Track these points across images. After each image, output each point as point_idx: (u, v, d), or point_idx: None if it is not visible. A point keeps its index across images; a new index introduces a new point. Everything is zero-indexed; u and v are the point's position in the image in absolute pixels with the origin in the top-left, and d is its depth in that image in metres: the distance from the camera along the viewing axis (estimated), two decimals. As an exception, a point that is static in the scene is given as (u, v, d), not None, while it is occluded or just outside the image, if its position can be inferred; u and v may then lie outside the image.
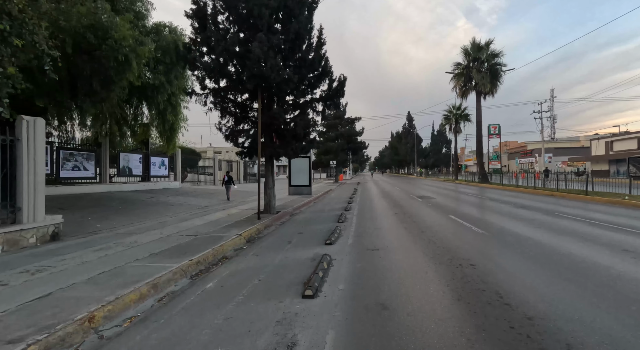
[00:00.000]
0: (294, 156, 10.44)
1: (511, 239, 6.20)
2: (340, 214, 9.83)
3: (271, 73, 8.29)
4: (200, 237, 6.60)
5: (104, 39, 9.55)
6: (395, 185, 28.47)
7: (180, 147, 39.96)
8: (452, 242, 5.98)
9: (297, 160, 18.29)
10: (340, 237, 6.75)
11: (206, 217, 9.46)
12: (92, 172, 13.83)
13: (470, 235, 6.56)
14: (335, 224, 8.40)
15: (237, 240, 6.49)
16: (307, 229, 7.93)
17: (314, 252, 5.48)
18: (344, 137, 37.31)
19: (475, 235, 6.58)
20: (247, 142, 10.33)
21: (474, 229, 7.21)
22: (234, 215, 9.85)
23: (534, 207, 10.88)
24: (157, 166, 18.41)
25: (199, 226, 7.93)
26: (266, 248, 6.04)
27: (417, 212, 10.30)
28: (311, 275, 4.13)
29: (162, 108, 14.38)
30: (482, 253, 5.20)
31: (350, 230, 7.50)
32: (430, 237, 6.42)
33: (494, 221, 8.25)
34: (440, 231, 7.05)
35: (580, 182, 17.08)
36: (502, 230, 7.08)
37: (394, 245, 5.84)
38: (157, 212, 10.26)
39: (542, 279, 3.94)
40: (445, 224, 8.07)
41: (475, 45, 25.31)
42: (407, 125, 74.63)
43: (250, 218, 9.22)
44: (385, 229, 7.57)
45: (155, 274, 4.15)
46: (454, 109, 34.65)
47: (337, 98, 11.14)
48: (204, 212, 10.63)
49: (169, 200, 13.21)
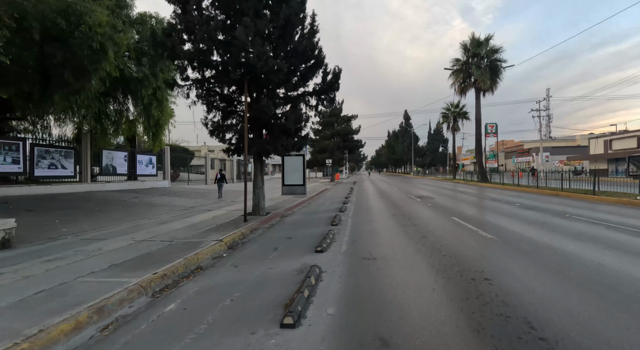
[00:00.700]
0: (285, 153, 9.70)
1: (526, 245, 5.50)
2: (335, 216, 9.10)
3: (258, 61, 7.53)
4: (175, 244, 5.85)
5: (76, 25, 8.73)
6: (392, 184, 27.80)
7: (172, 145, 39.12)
8: (459, 250, 5.27)
9: (291, 158, 17.56)
10: (333, 242, 6.03)
11: (188, 220, 8.69)
12: (71, 171, 12.99)
13: (479, 241, 5.86)
14: (328, 227, 7.68)
15: (217, 246, 5.75)
16: (297, 233, 7.19)
17: (301, 262, 4.75)
18: (340, 136, 36.57)
19: (484, 241, 5.88)
20: (234, 138, 9.57)
21: (482, 233, 6.51)
22: (220, 217, 9.10)
23: (541, 208, 10.21)
24: (144, 165, 17.58)
25: (178, 230, 7.17)
26: (248, 256, 5.30)
27: (417, 214, 9.61)
28: (294, 295, 3.40)
29: (146, 103, 13.59)
30: (496, 264, 4.50)
31: (345, 234, 6.78)
32: (434, 243, 5.71)
33: (502, 224, 7.56)
34: (444, 236, 6.35)
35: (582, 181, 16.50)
36: (513, 234, 6.38)
37: (393, 254, 5.12)
38: (136, 214, 9.47)
39: (580, 301, 3.24)
40: (448, 227, 7.37)
41: (474, 41, 24.64)
42: (404, 124, 74.07)
43: (236, 220, 8.47)
44: (383, 233, 6.85)
45: (105, 293, 3.40)
46: (452, 106, 34.03)
47: (332, 91, 10.44)
48: (188, 214, 9.86)
49: (152, 201, 12.42)
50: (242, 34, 7.30)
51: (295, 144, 9.70)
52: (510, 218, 8.40)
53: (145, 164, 17.79)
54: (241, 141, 9.22)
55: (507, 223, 7.68)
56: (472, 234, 6.45)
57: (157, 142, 14.66)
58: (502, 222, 7.78)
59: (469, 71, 25.15)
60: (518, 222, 7.74)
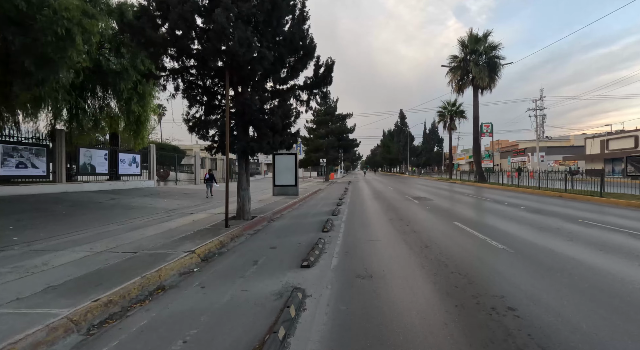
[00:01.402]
0: (271, 152, 8.88)
1: (546, 259, 4.75)
2: (327, 220, 8.31)
3: (240, 48, 6.70)
4: (139, 256, 5.01)
5: (39, 8, 7.84)
6: (387, 184, 27.10)
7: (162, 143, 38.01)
8: (469, 265, 4.51)
9: (282, 157, 16.75)
10: (323, 254, 5.23)
11: (165, 225, 7.84)
12: (43, 170, 12.03)
13: (490, 253, 5.11)
14: (318, 234, 6.89)
15: (187, 259, 4.92)
16: (283, 241, 6.38)
17: (282, 282, 3.94)
18: (335, 134, 35.76)
19: (496, 253, 5.12)
20: (217, 135, 8.73)
21: (491, 242, 5.76)
22: (200, 222, 8.26)
23: (549, 212, 9.51)
24: (126, 163, 16.62)
25: (148, 238, 6.32)
26: (222, 273, 4.48)
27: (416, 217, 8.85)
28: (266, 336, 2.60)
29: (126, 97, 12.67)
30: (518, 285, 3.73)
31: (336, 243, 5.99)
32: (439, 256, 4.94)
33: (511, 231, 6.82)
34: (449, 246, 5.58)
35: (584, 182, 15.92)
36: (527, 244, 5.64)
37: (392, 270, 4.34)
38: (108, 218, 8.59)
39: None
40: (452, 234, 6.61)
41: (472, 37, 23.97)
42: (400, 123, 73.54)
43: (217, 226, 7.64)
44: (380, 241, 6.07)
45: (14, 334, 2.57)
46: (449, 105, 33.39)
47: (324, 85, 9.63)
48: (167, 218, 9.00)
49: (132, 203, 11.52)
50: (221, 16, 6.46)
51: (284, 142, 8.88)
52: (519, 223, 7.67)
53: (129, 163, 16.83)
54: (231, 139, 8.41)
55: (517, 230, 6.95)
56: (480, 244, 5.70)
57: (139, 139, 13.76)
58: (510, 229, 7.04)
59: (466, 68, 24.48)
60: (528, 229, 7.01)
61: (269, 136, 8.31)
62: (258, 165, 46.10)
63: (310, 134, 36.41)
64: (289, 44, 8.18)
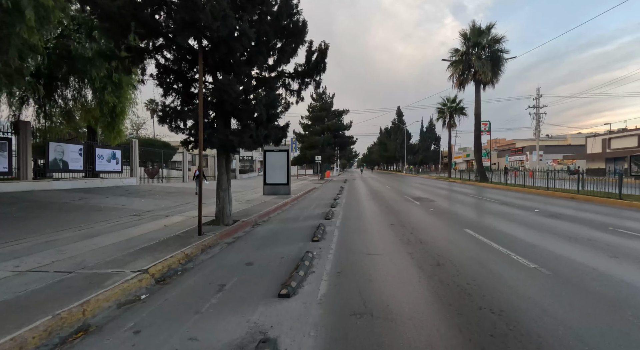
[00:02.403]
0: (255, 146, 7.74)
1: (595, 284, 3.69)
2: (318, 226, 7.23)
3: (213, 22, 5.56)
4: (71, 278, 3.89)
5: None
6: (385, 183, 26.06)
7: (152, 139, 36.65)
8: (501, 296, 3.43)
9: (273, 154, 15.61)
10: (309, 274, 4.15)
11: (128, 231, 6.70)
12: (4, 166, 10.81)
13: (522, 277, 4.02)
14: (307, 244, 5.80)
15: (134, 283, 3.81)
16: (263, 254, 5.28)
17: (249, 324, 2.85)
18: (331, 131, 34.61)
19: (530, 276, 4.05)
20: (195, 127, 7.58)
21: (517, 259, 4.69)
22: (172, 227, 7.14)
23: (569, 217, 8.48)
24: (105, 159, 15.38)
25: (99, 250, 5.19)
26: (172, 305, 3.38)
27: (419, 223, 7.79)
28: None
29: (98, 86, 11.45)
30: (577, 330, 2.66)
31: (327, 258, 4.90)
32: (458, 280, 3.86)
33: (536, 242, 5.77)
34: (468, 265, 4.50)
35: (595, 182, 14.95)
36: (563, 262, 4.58)
37: (399, 303, 3.25)
38: (66, 222, 7.44)
39: None
40: (466, 246, 5.55)
41: (475, 30, 22.87)
42: (397, 121, 72.55)
43: (189, 233, 6.53)
44: (380, 256, 4.99)
45: None
46: (449, 101, 32.35)
47: (317, 73, 8.53)
48: (136, 222, 7.87)
49: (102, 203, 10.35)
50: (189, -19, 5.32)
51: (270, 136, 7.76)
52: (540, 231, 6.62)
53: (107, 159, 15.59)
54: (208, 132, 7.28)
55: (541, 240, 5.90)
56: (504, 261, 4.62)
57: (115, 133, 12.55)
58: (533, 239, 5.99)
59: (468, 62, 23.39)
60: (555, 239, 5.96)
61: (251, 129, 7.20)
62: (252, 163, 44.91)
63: (306, 130, 35.27)
64: (274, 21, 7.05)
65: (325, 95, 34.83)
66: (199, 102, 6.29)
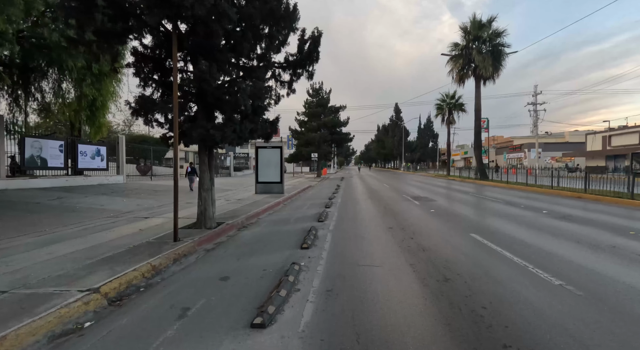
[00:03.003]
0: (239, 142, 7.03)
1: (638, 307, 3.05)
2: (310, 230, 6.56)
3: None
4: (3, 299, 3.20)
5: None
6: (382, 181, 25.43)
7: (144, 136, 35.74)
8: (529, 327, 2.77)
9: (266, 151, 14.91)
10: (293, 293, 3.48)
11: (96, 236, 6.00)
12: (-27, 163, 10.05)
13: (547, 296, 3.36)
14: (295, 252, 5.13)
15: (79, 306, 3.12)
16: (243, 265, 4.60)
17: (205, 373, 2.17)
18: (327, 127, 33.85)
19: (557, 296, 3.39)
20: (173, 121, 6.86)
21: (538, 272, 4.03)
22: (148, 231, 6.45)
23: (583, 220, 7.83)
24: (88, 156, 14.62)
25: (52, 260, 4.49)
26: (116, 339, 2.69)
27: (420, 226, 7.14)
28: None
29: (76, 77, 10.67)
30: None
31: (316, 271, 4.23)
32: (471, 303, 3.20)
33: (555, 251, 5.12)
34: (481, 280, 3.84)
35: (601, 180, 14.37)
36: (593, 277, 3.92)
37: (401, 339, 2.58)
38: (31, 225, 6.72)
39: None
40: (476, 256, 4.90)
41: (475, 23, 22.14)
42: (395, 117, 71.92)
43: (165, 238, 5.85)
44: (378, 268, 4.32)
45: None
46: (448, 97, 31.66)
47: (310, 63, 7.89)
48: (110, 224, 7.17)
49: (79, 203, 9.62)
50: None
51: (256, 130, 7.07)
52: (556, 237, 5.97)
53: (91, 156, 14.82)
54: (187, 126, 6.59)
55: (558, 247, 5.25)
56: (522, 275, 3.96)
57: (95, 128, 11.77)
58: (549, 246, 5.34)
59: (469, 57, 22.67)
60: (574, 247, 5.32)
61: (234, 122, 6.49)
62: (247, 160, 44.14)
63: (302, 127, 34.52)
64: (260, 3, 6.32)
65: (322, 90, 34.05)
66: (174, 91, 5.57)
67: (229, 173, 32.03)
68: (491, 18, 21.81)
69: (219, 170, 30.52)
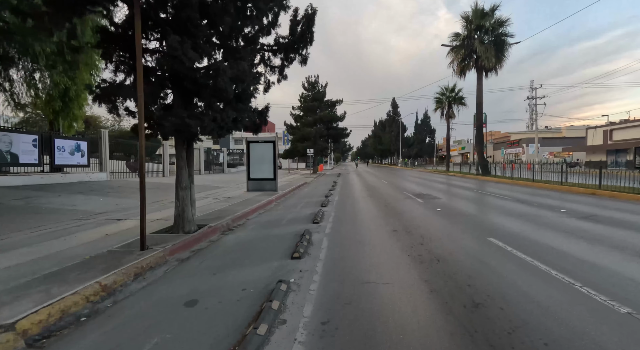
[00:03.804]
0: (221, 133, 6.11)
1: None
2: (303, 234, 5.70)
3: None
4: None
5: None
6: (380, 177, 24.60)
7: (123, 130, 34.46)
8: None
9: (258, 145, 13.98)
10: (277, 329, 2.61)
11: (51, 244, 5.09)
12: None
13: (622, 335, 2.53)
14: (284, 263, 4.26)
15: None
16: (218, 282, 3.72)
17: None
18: (323, 122, 32.89)
19: (637, 334, 2.56)
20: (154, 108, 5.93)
21: (590, 293, 3.20)
22: (115, 237, 5.54)
23: (608, 220, 7.01)
24: (67, 152, 13.58)
25: (-21, 279, 3.58)
26: None
27: (429, 229, 6.29)
28: None
29: (45, 64, 9.66)
30: None
31: (308, 292, 3.36)
32: (519, 345, 2.35)
33: (595, 260, 4.30)
34: (524, 308, 3.00)
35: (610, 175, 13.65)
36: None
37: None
38: (-21, 231, 5.79)
39: None
40: (503, 268, 4.06)
41: (478, 11, 21.19)
42: (392, 112, 71.02)
43: (133, 245, 4.95)
44: (386, 287, 3.47)
45: None
46: (447, 90, 30.79)
47: (304, 46, 7.05)
48: (74, 228, 6.25)
49: (49, 204, 8.67)
50: None
51: (241, 120, 6.16)
52: (590, 243, 5.14)
53: (70, 151, 13.78)
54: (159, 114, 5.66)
55: (598, 256, 4.42)
56: (574, 298, 3.12)
57: (69, 120, 10.78)
58: (589, 256, 4.50)
59: (470, 47, 21.76)
60: (616, 254, 4.50)
61: (215, 110, 5.58)
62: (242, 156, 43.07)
63: (297, 121, 33.55)
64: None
65: (318, 84, 33.04)
66: (137, 71, 4.65)
67: (222, 169, 31.02)
68: (494, 6, 20.85)
69: (211, 166, 29.50)
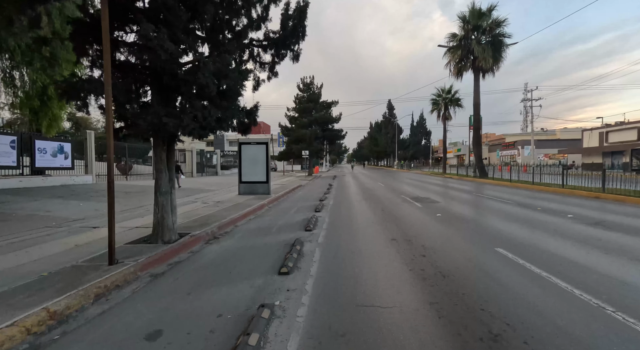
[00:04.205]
0: (203, 133, 5.58)
1: None
2: (294, 243, 5.19)
3: None
4: None
5: None
6: (377, 180, 24.15)
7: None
8: None
9: (250, 147, 13.44)
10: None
11: (9, 256, 4.52)
12: None
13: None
14: (270, 279, 3.75)
15: None
16: (190, 307, 3.20)
17: None
18: (319, 124, 32.39)
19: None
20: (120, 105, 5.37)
21: (631, 323, 2.73)
22: (85, 248, 4.99)
23: (625, 227, 6.54)
24: (49, 154, 12.96)
25: None
26: None
27: (430, 238, 5.81)
28: None
29: (20, 60, 9.08)
30: None
31: (295, 320, 2.85)
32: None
33: (624, 278, 3.84)
34: (555, 342, 2.51)
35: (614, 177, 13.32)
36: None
37: None
38: None
39: None
40: (519, 285, 3.58)
41: (474, 12, 20.89)
42: (388, 114, 70.81)
43: (99, 260, 4.40)
44: (386, 313, 2.97)
45: None
46: (444, 92, 30.50)
47: (295, 41, 6.61)
48: (43, 237, 5.67)
49: (21, 209, 8.07)
50: None
51: (225, 119, 5.63)
52: (607, 254, 4.68)
53: (52, 153, 13.16)
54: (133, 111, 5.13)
55: (621, 270, 3.96)
56: (609, 327, 2.65)
57: (47, 120, 10.17)
58: (616, 271, 4.03)
59: (467, 48, 21.45)
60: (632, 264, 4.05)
61: (197, 108, 5.05)
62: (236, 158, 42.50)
63: (292, 123, 33.02)
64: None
65: (313, 85, 32.57)
66: (105, 61, 4.13)
67: (215, 172, 30.43)
68: (491, 6, 20.58)
69: (204, 168, 28.90)
